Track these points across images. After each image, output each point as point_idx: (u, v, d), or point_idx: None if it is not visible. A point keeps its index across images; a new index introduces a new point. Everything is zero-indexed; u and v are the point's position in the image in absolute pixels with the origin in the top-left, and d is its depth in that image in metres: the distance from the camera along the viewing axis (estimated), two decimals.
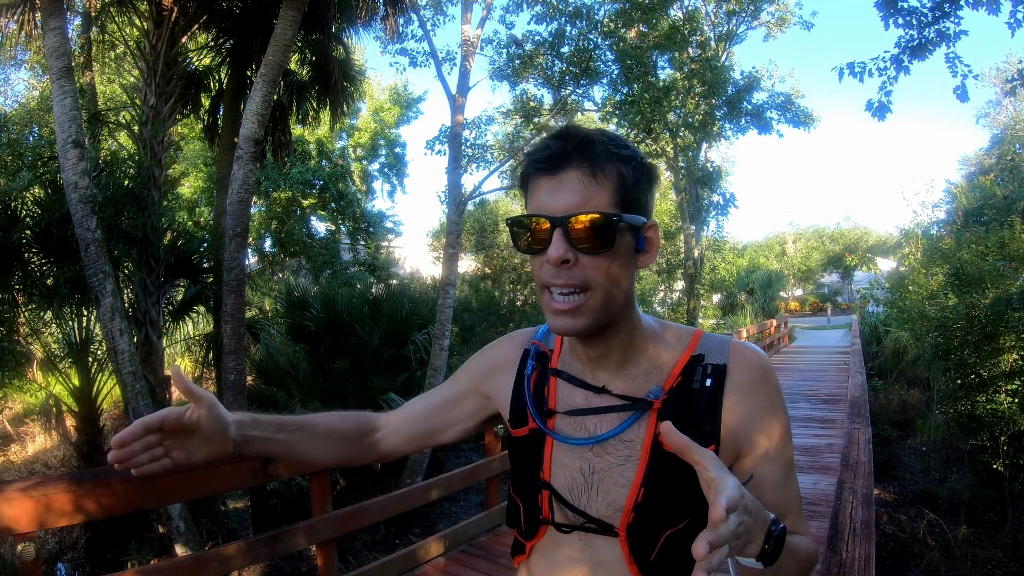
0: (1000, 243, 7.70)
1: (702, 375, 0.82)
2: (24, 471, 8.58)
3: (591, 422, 0.83)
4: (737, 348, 0.84)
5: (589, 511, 0.82)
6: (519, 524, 0.90)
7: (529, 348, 0.93)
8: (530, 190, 0.78)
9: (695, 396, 0.81)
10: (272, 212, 16.47)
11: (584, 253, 0.74)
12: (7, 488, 1.86)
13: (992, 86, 24.51)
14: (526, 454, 0.89)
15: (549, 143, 0.76)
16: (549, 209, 0.75)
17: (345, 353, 7.76)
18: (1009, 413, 5.79)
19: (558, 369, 0.88)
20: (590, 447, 0.83)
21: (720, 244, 22.07)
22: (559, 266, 0.74)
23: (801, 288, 41.15)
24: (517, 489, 0.91)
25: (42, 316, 6.33)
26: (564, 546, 0.85)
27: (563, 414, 0.85)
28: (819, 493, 4.52)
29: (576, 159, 0.74)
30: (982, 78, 22.90)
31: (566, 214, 0.73)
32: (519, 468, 0.91)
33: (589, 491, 0.83)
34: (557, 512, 0.85)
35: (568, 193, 0.74)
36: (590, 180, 0.74)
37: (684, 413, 0.80)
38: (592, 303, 0.76)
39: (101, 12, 7.36)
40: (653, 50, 11.51)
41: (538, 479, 0.86)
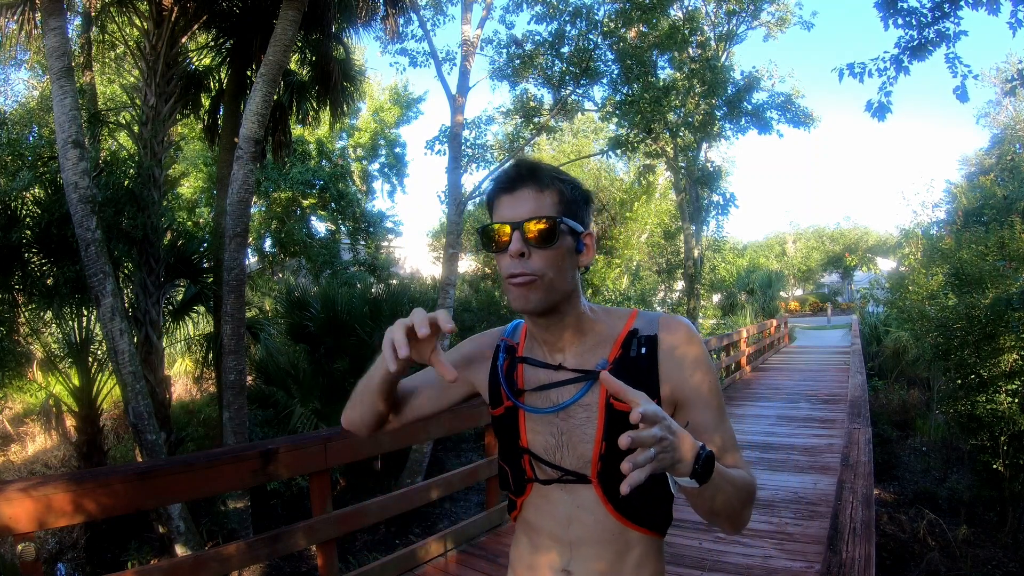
0: (1000, 243, 7.70)
1: (637, 346, 1.01)
2: (24, 471, 8.57)
3: (554, 394, 1.02)
4: (665, 320, 1.04)
5: (564, 465, 1.01)
6: (509, 486, 1.10)
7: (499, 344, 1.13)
8: (494, 206, 1.00)
9: (634, 363, 1.00)
10: (272, 212, 16.48)
11: (535, 248, 0.95)
12: (7, 488, 1.86)
13: (992, 86, 24.53)
14: (506, 427, 1.08)
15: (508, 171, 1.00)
16: (509, 217, 0.97)
17: (345, 353, 7.76)
18: (1009, 413, 5.79)
19: (524, 356, 1.08)
20: (556, 414, 1.02)
21: (720, 244, 22.09)
22: (517, 258, 0.95)
23: (801, 288, 41.16)
24: (503, 457, 1.11)
25: (42, 316, 6.32)
26: (550, 497, 1.03)
27: (531, 391, 1.05)
28: (819, 493, 4.52)
29: (528, 180, 0.98)
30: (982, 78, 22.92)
31: (521, 219, 0.95)
32: (502, 440, 1.10)
33: (561, 449, 1.01)
34: (538, 471, 1.04)
35: (523, 204, 0.97)
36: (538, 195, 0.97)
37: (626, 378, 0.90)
38: (541, 286, 0.96)
39: (101, 12, 7.36)
40: (653, 50, 11.50)
41: (518, 446, 1.06)
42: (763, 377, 11.62)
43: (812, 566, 3.19)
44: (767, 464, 5.42)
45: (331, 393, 7.45)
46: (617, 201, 18.52)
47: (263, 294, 13.10)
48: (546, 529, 1.04)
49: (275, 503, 6.67)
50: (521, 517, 1.09)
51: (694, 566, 3.22)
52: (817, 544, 3.42)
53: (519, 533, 1.12)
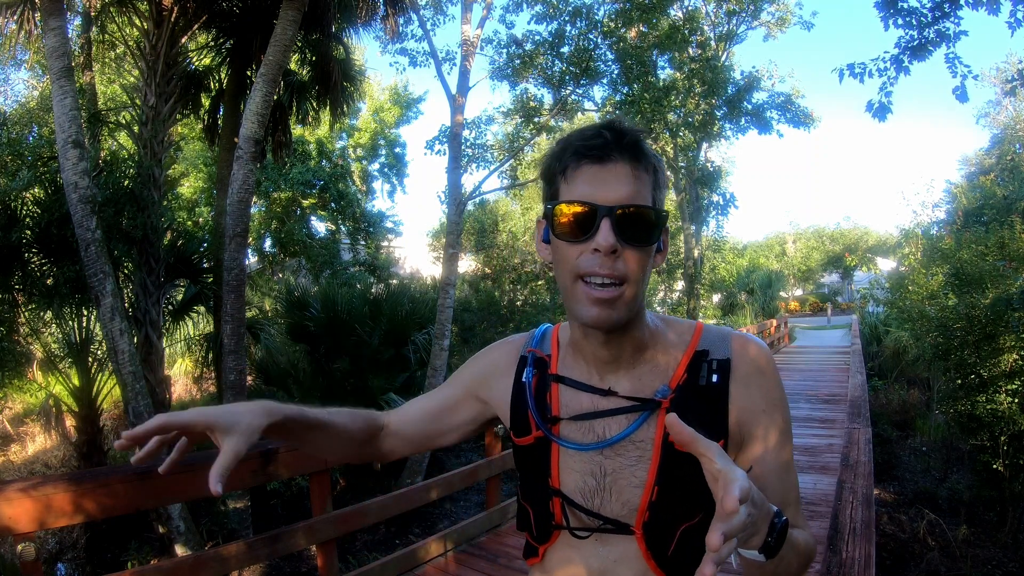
0: (1000, 243, 7.69)
1: (708, 371, 0.82)
2: (24, 471, 8.57)
3: (600, 425, 0.83)
4: (739, 341, 0.85)
5: (604, 513, 0.83)
6: (531, 529, 0.91)
7: (525, 355, 0.93)
8: (569, 176, 0.78)
9: (702, 392, 0.82)
10: (272, 212, 16.47)
11: (629, 245, 0.75)
12: (7, 488, 1.85)
13: (992, 86, 24.52)
14: (532, 462, 0.88)
15: (602, 132, 0.77)
16: (599, 197, 0.75)
17: (345, 353, 7.76)
18: (1009, 413, 5.79)
19: (559, 375, 0.88)
20: (601, 450, 0.83)
21: (720, 244, 22.06)
22: (607, 255, 0.74)
23: (801, 288, 41.14)
24: (526, 496, 0.91)
25: (42, 316, 6.32)
26: (580, 548, 0.85)
27: (569, 420, 0.85)
28: (819, 493, 4.52)
29: (627, 152, 0.76)
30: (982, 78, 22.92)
31: (618, 203, 0.74)
32: (526, 476, 0.90)
33: (602, 493, 0.83)
34: (571, 517, 0.85)
35: (619, 184, 0.75)
36: (639, 174, 0.76)
37: (692, 409, 0.80)
38: (627, 295, 0.77)
39: (101, 12, 7.36)
40: (653, 50, 11.50)
41: (547, 487, 0.86)
42: None
43: (812, 566, 3.19)
44: None
45: (331, 393, 7.44)
46: None
47: (263, 294, 13.10)
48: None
49: (275, 503, 6.67)
50: (541, 566, 0.90)
51: None
52: (817, 544, 3.42)
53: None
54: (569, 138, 0.80)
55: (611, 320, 0.77)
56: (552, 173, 0.81)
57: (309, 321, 8.04)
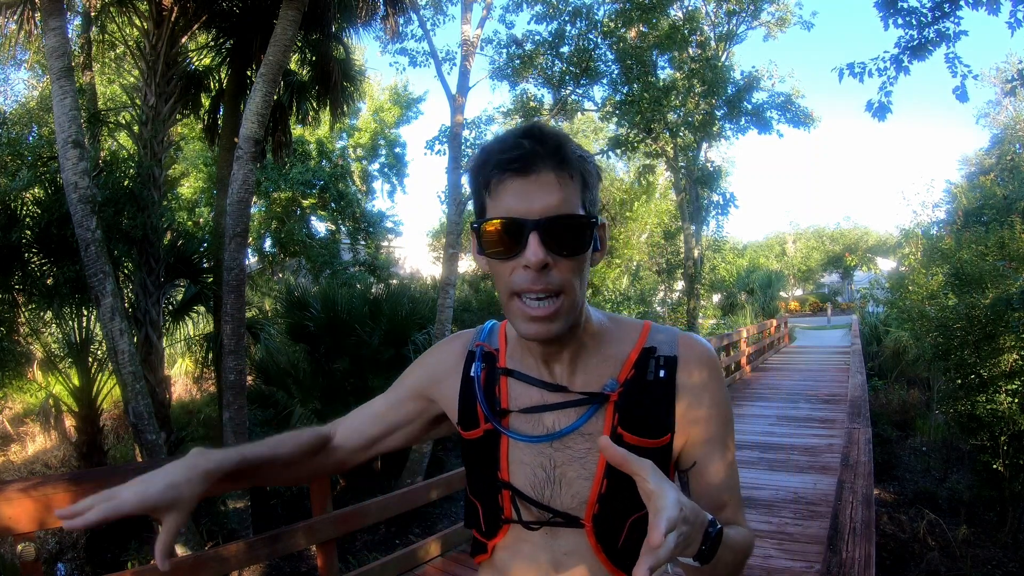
0: (1000, 243, 7.69)
1: (655, 367, 0.84)
2: (24, 471, 8.57)
3: (549, 418, 0.84)
4: (686, 340, 0.87)
5: (554, 505, 0.83)
6: (479, 525, 0.91)
7: (474, 350, 0.92)
8: (493, 191, 0.75)
9: (649, 387, 0.83)
10: (272, 212, 16.48)
11: (561, 256, 0.74)
12: (7, 488, 1.86)
13: (992, 86, 24.53)
14: (481, 455, 0.88)
15: (521, 142, 0.74)
16: (523, 212, 0.73)
17: (345, 353, 7.76)
18: (1009, 413, 5.79)
19: (508, 368, 0.88)
20: (550, 443, 0.83)
21: (720, 244, 22.08)
22: (538, 271, 0.73)
23: (801, 288, 41.15)
24: (474, 491, 0.91)
25: (42, 316, 6.32)
26: (529, 541, 0.86)
27: (518, 412, 0.85)
28: (819, 493, 4.52)
29: (550, 160, 0.73)
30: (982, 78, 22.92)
31: (543, 216, 0.72)
32: (474, 469, 0.90)
33: (552, 485, 0.83)
34: (521, 510, 0.85)
35: (545, 195, 0.73)
36: (565, 181, 0.74)
37: (640, 404, 0.83)
38: (566, 306, 0.76)
39: (101, 12, 7.36)
40: (653, 50, 11.51)
41: (496, 479, 0.86)
42: (763, 377, 11.62)
43: (812, 566, 3.19)
44: (767, 464, 5.42)
45: (331, 393, 7.45)
46: (617, 201, 18.52)
47: (263, 294, 13.10)
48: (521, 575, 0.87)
49: (275, 503, 6.67)
50: (490, 562, 0.90)
51: None
52: (817, 544, 3.42)
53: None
54: (490, 149, 0.77)
55: (550, 333, 0.77)
56: (477, 187, 0.78)
57: (309, 321, 8.04)
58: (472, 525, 0.93)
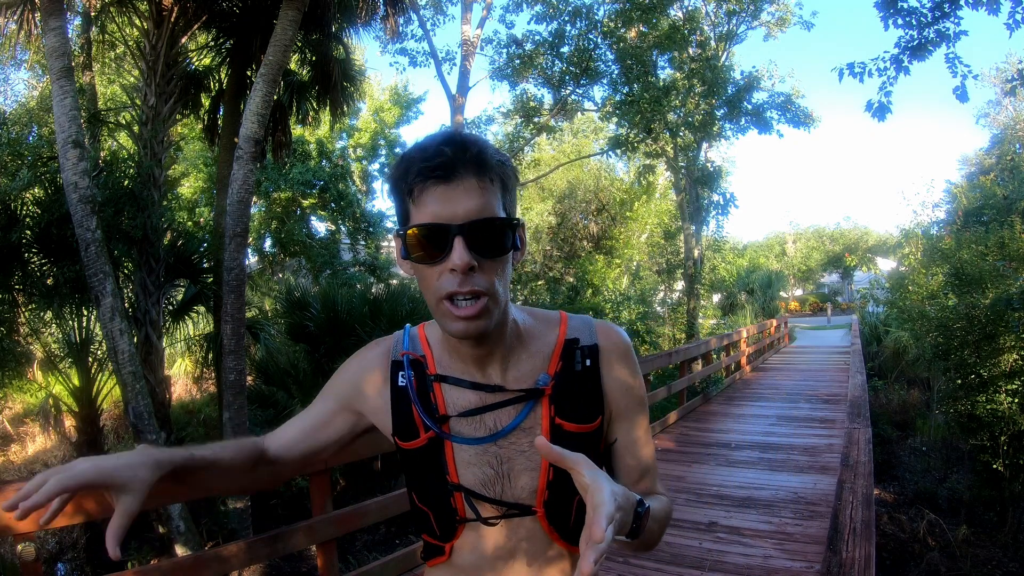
0: (1000, 243, 7.70)
1: (581, 357, 0.90)
2: (24, 471, 8.58)
3: (489, 418, 0.88)
4: (603, 328, 0.94)
5: (505, 498, 0.88)
6: (432, 530, 0.93)
7: (398, 359, 0.93)
8: (416, 198, 0.77)
9: (578, 377, 0.90)
10: (272, 212, 16.47)
11: (485, 258, 0.77)
12: (7, 488, 1.85)
13: (992, 86, 24.55)
14: (425, 463, 0.90)
15: (443, 149, 0.76)
16: (447, 216, 0.76)
17: (345, 353, 7.63)
18: (1009, 413, 5.79)
19: (441, 375, 0.90)
20: (495, 442, 0.87)
21: (720, 244, 22.06)
22: (465, 273, 0.76)
23: (801, 288, 41.16)
24: (422, 499, 0.93)
25: (42, 316, 6.32)
26: (487, 535, 0.90)
27: (458, 416, 0.88)
28: (819, 493, 4.51)
29: (471, 166, 0.76)
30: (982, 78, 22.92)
31: (467, 220, 0.76)
32: (420, 477, 0.92)
33: (502, 480, 0.88)
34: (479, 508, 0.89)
35: (467, 200, 0.76)
36: (485, 186, 0.77)
37: (571, 393, 0.89)
38: (491, 304, 0.79)
39: (101, 12, 7.36)
40: (653, 50, 11.51)
41: (446, 483, 0.89)
42: (763, 377, 11.62)
43: (812, 566, 3.19)
44: (767, 464, 5.41)
45: None
46: (617, 201, 18.52)
47: (263, 294, 13.11)
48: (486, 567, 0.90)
49: (275, 503, 6.67)
50: (449, 563, 0.93)
51: (694, 566, 3.22)
52: (817, 544, 3.42)
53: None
54: (412, 156, 0.79)
55: (480, 330, 0.80)
56: (400, 194, 0.80)
57: (309, 321, 8.04)
58: (424, 531, 0.95)
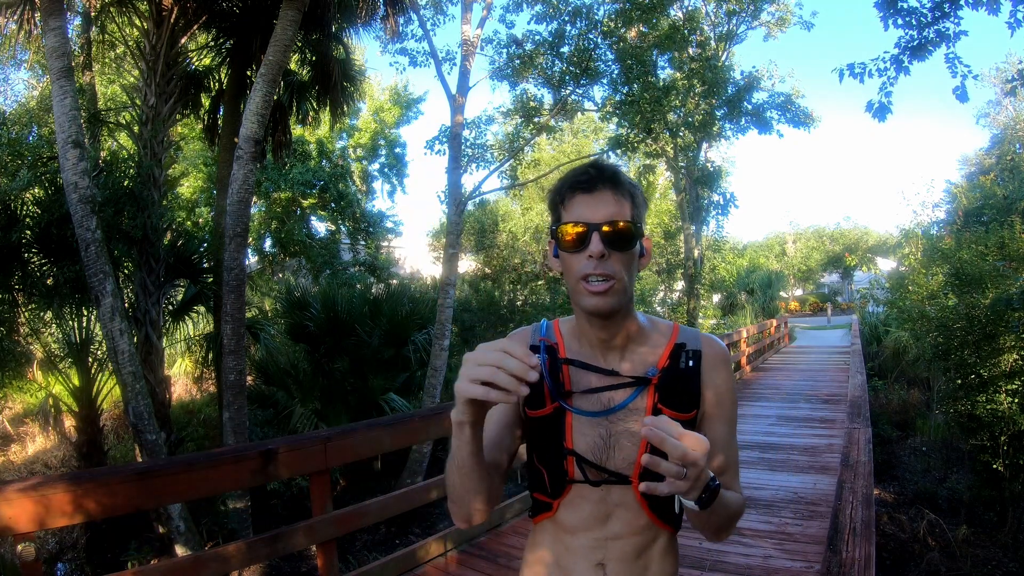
0: (1000, 243, 7.69)
1: (686, 358, 1.09)
2: (24, 471, 8.57)
3: (605, 397, 1.06)
4: (707, 339, 1.13)
5: (609, 467, 1.05)
6: (544, 488, 1.11)
7: (536, 344, 1.11)
8: (567, 204, 1.03)
9: (681, 374, 1.08)
10: (272, 212, 16.46)
11: (614, 250, 1.00)
12: (7, 488, 1.86)
13: (992, 86, 24.52)
14: (548, 429, 1.08)
15: (589, 170, 1.04)
16: (589, 218, 1.00)
17: (345, 353, 7.76)
18: (1009, 413, 5.79)
19: (569, 358, 1.09)
20: (607, 417, 1.06)
21: (720, 244, 22.05)
22: (598, 259, 0.98)
23: (801, 288, 41.16)
24: (541, 460, 1.11)
25: (42, 316, 6.32)
26: (588, 497, 1.07)
27: (580, 393, 1.07)
28: (819, 493, 4.51)
29: (608, 183, 1.02)
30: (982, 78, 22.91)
31: (603, 221, 1.00)
32: (541, 441, 1.11)
33: (608, 451, 1.06)
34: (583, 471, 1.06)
35: (603, 206, 1.01)
36: (619, 199, 1.02)
37: (674, 386, 1.07)
38: (617, 287, 1.00)
39: (101, 12, 7.36)
40: (653, 50, 11.49)
41: (562, 447, 1.07)
42: (763, 377, 11.62)
43: (812, 566, 3.19)
44: (767, 464, 5.41)
45: (331, 393, 7.44)
46: None
47: (263, 294, 13.10)
48: (582, 527, 1.08)
49: (275, 503, 6.67)
50: (554, 519, 1.11)
51: (694, 566, 3.22)
52: (817, 544, 3.42)
53: (542, 534, 1.14)
54: (566, 177, 1.06)
55: (607, 306, 1.00)
56: (555, 203, 1.07)
57: (309, 321, 8.04)
58: (536, 489, 1.13)
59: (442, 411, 3.52)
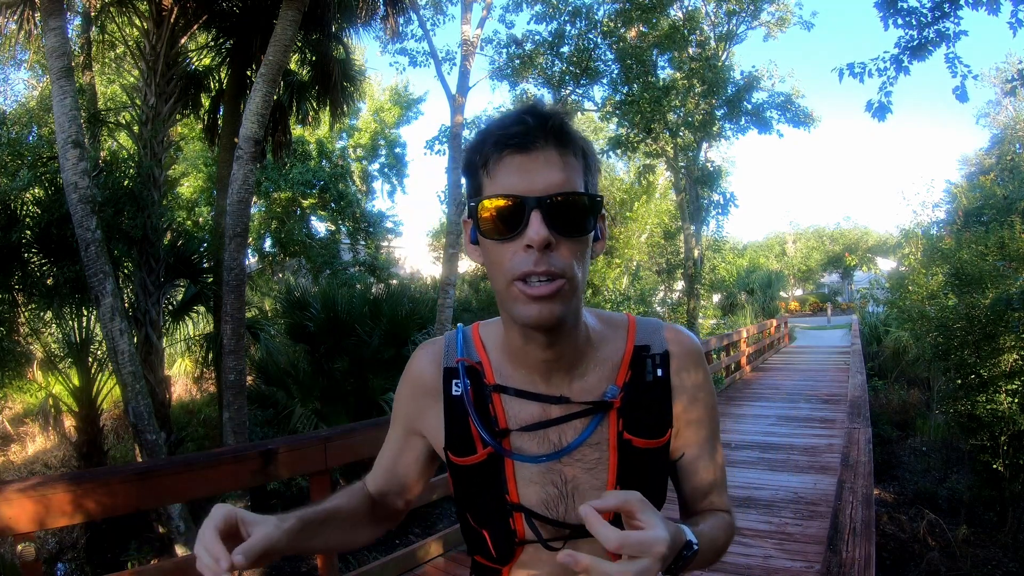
0: (1000, 243, 7.69)
1: (652, 367, 0.82)
2: (24, 471, 8.57)
3: (554, 433, 0.79)
4: (672, 332, 0.86)
5: (569, 520, 0.79)
6: (487, 553, 0.84)
7: (453, 367, 0.84)
8: (491, 169, 0.71)
9: (649, 388, 0.82)
10: (272, 212, 16.47)
11: (563, 236, 0.69)
12: (7, 488, 1.85)
13: (992, 86, 24.53)
14: (482, 481, 0.82)
15: (523, 117, 0.70)
16: (525, 188, 0.68)
17: (345, 353, 7.75)
18: (1009, 413, 5.79)
19: (500, 385, 0.81)
20: (560, 459, 0.79)
21: (720, 244, 22.05)
22: (539, 251, 0.68)
23: (801, 288, 41.16)
24: (478, 519, 0.84)
25: (42, 316, 6.31)
26: (545, 558, 0.81)
27: (519, 431, 0.80)
28: (819, 493, 4.51)
29: (552, 137, 0.70)
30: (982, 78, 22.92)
31: (545, 194, 0.68)
32: (476, 497, 0.83)
33: (565, 500, 0.80)
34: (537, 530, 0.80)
35: (547, 172, 0.69)
36: (568, 159, 0.70)
37: (640, 405, 0.81)
38: (567, 289, 0.70)
39: (101, 12, 7.36)
40: (653, 50, 11.50)
41: (505, 503, 0.81)
42: (763, 377, 11.62)
43: (812, 566, 3.19)
44: (767, 464, 5.42)
45: (331, 393, 7.44)
46: (617, 201, 18.52)
47: (263, 294, 13.10)
48: None
49: (275, 503, 6.67)
50: None
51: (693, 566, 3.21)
52: (817, 544, 3.42)
53: None
54: (489, 127, 0.72)
55: (554, 316, 0.70)
56: (473, 167, 0.73)
57: (309, 321, 8.03)
58: (477, 552, 0.86)
59: None
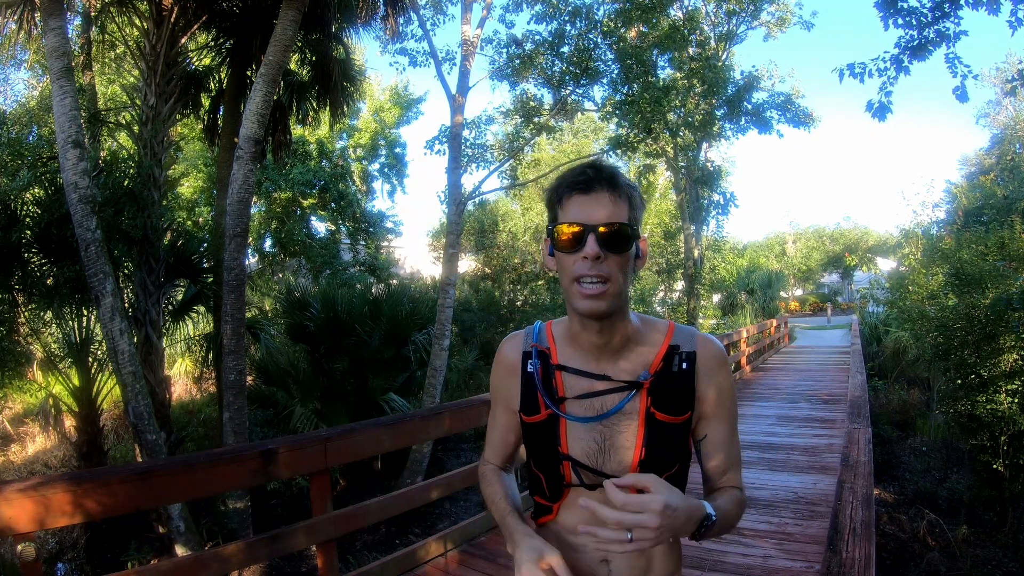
0: (1000, 243, 7.69)
1: (679, 361, 1.09)
2: (24, 471, 8.57)
3: (598, 402, 1.08)
4: (702, 339, 1.12)
5: (605, 470, 1.07)
6: (543, 492, 1.15)
7: (528, 350, 1.15)
8: (563, 204, 1.03)
9: (675, 377, 1.08)
10: (272, 212, 16.47)
11: (610, 252, 0.99)
12: (7, 488, 1.85)
13: (992, 86, 24.53)
14: (543, 435, 1.11)
15: (587, 170, 1.03)
16: (584, 219, 1.00)
17: (345, 353, 7.76)
18: (1009, 413, 5.79)
19: (562, 364, 1.11)
20: (600, 422, 1.07)
21: (720, 244, 22.05)
22: (593, 261, 0.98)
23: (801, 288, 41.16)
24: (538, 465, 1.15)
25: (42, 316, 6.31)
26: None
27: (573, 399, 1.09)
28: (819, 493, 4.51)
29: (605, 184, 1.01)
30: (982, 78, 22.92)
31: (599, 223, 0.99)
32: (537, 447, 1.14)
33: (603, 455, 1.08)
34: (582, 476, 1.09)
35: (600, 208, 1.00)
36: (615, 200, 1.01)
37: (667, 389, 1.08)
38: (612, 291, 1.00)
39: (101, 12, 7.36)
40: (653, 50, 11.50)
41: (557, 453, 1.10)
42: (763, 377, 11.61)
43: (812, 566, 3.19)
44: (767, 464, 5.41)
45: (331, 393, 7.45)
46: None
47: (263, 294, 13.11)
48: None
49: (275, 503, 6.67)
50: (555, 522, 1.15)
51: (694, 566, 3.21)
52: (817, 544, 3.42)
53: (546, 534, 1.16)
54: (564, 176, 1.05)
55: (600, 309, 1.00)
56: (552, 203, 1.06)
57: (309, 321, 8.04)
58: (536, 492, 1.17)
59: (442, 411, 3.52)
